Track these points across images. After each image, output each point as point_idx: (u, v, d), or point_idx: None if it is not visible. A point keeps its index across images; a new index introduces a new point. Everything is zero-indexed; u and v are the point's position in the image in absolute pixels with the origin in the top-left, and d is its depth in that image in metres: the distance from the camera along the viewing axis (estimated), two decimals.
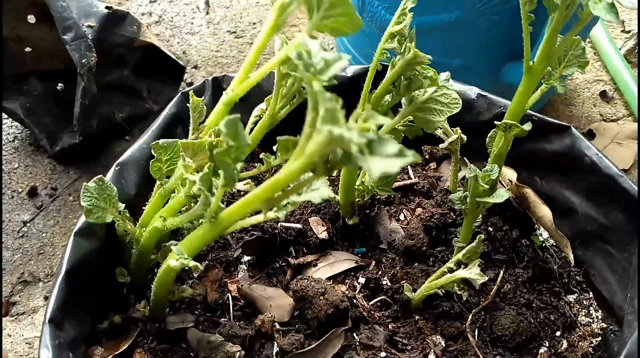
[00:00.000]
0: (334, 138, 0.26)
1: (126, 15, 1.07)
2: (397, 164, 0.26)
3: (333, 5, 0.46)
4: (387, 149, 0.26)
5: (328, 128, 0.26)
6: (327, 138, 0.27)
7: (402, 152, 0.26)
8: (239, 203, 0.35)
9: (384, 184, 0.74)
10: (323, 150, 0.28)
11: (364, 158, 0.26)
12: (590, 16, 0.55)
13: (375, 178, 0.25)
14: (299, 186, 0.32)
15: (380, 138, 0.26)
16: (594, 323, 0.73)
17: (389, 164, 0.25)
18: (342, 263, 0.74)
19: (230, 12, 1.52)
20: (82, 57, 0.98)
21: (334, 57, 0.31)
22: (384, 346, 0.66)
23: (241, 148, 0.32)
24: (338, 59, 0.31)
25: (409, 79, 0.61)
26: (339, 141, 0.26)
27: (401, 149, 0.26)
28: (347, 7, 0.45)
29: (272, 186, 0.32)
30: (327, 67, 0.31)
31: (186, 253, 0.47)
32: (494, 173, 0.66)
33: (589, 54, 1.43)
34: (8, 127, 1.20)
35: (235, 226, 0.45)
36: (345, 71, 0.86)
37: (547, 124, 0.79)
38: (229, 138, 0.32)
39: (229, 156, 0.33)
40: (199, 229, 0.47)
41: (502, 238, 0.77)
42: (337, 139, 0.26)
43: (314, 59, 0.30)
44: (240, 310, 0.70)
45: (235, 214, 0.39)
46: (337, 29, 0.48)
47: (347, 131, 0.25)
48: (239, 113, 0.63)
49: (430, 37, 1.01)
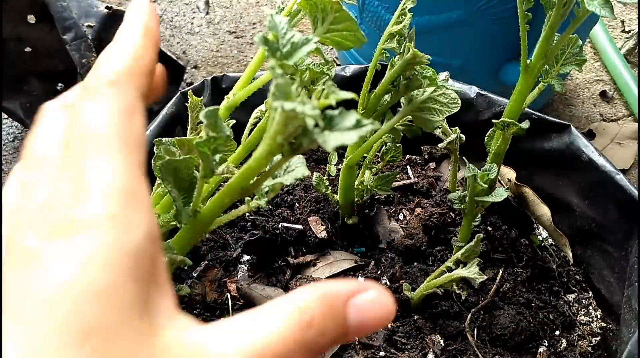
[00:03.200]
0: (289, 114, 0.26)
1: None
2: (353, 135, 0.25)
3: (337, 21, 0.46)
4: (345, 122, 0.26)
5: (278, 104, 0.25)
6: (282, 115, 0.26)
7: (359, 123, 0.26)
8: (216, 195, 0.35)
9: (383, 184, 0.74)
10: (283, 129, 0.27)
11: (320, 132, 0.26)
12: (587, 13, 0.55)
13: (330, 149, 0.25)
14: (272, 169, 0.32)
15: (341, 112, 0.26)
16: (594, 323, 0.73)
17: (345, 137, 0.25)
18: (341, 263, 0.74)
19: (230, 12, 1.52)
20: (82, 57, 0.98)
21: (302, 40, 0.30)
22: (383, 345, 0.66)
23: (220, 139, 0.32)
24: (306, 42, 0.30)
25: (408, 79, 0.61)
26: (294, 116, 0.26)
27: (359, 120, 0.25)
28: (351, 24, 0.46)
29: (244, 174, 0.32)
30: (294, 51, 0.30)
31: (176, 249, 0.47)
32: (492, 172, 0.66)
33: (589, 54, 1.43)
34: (8, 127, 1.20)
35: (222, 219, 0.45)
36: (345, 71, 0.86)
37: (546, 123, 0.79)
38: (209, 128, 0.32)
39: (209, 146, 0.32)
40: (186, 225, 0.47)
41: (501, 237, 0.77)
42: (292, 114, 0.26)
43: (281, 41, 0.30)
44: (240, 309, 0.70)
45: (215, 207, 0.39)
46: (341, 43, 0.48)
47: (300, 105, 0.25)
48: (241, 113, 0.64)
49: (429, 37, 1.02)
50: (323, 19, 0.46)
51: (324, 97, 0.28)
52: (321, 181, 0.74)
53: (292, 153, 0.29)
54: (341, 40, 0.48)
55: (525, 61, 0.63)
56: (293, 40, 0.30)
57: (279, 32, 0.31)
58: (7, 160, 1.14)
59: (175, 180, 0.38)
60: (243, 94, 0.55)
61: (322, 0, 0.46)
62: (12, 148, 1.16)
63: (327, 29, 0.47)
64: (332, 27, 0.47)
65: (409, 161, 0.90)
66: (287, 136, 0.28)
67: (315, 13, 0.47)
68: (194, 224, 0.42)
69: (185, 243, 0.48)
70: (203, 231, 0.45)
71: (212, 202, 0.35)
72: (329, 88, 0.28)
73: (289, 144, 0.28)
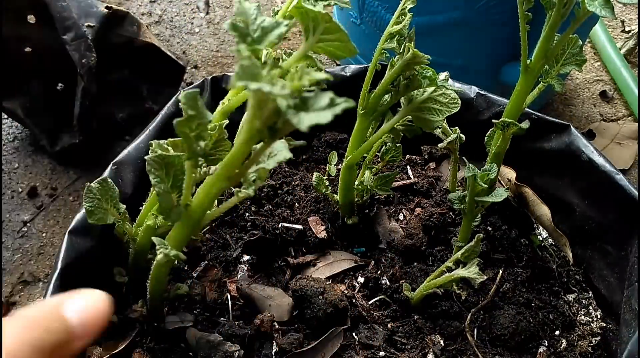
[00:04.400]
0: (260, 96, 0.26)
1: (126, 15, 1.07)
2: (327, 114, 0.25)
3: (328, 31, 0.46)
4: (319, 102, 0.26)
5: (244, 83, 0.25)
6: (254, 97, 0.26)
7: (333, 101, 0.25)
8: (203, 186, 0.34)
9: (383, 184, 0.74)
10: (258, 113, 0.27)
11: (293, 112, 0.26)
12: (587, 14, 0.55)
13: (304, 129, 0.25)
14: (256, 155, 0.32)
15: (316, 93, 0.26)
16: (593, 323, 0.73)
17: (320, 116, 0.25)
18: (341, 263, 0.74)
19: (230, 12, 1.52)
20: (82, 57, 0.98)
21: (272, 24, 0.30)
22: (383, 345, 0.66)
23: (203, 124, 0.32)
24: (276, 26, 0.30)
25: (408, 79, 0.61)
26: (266, 99, 0.26)
27: (332, 98, 0.25)
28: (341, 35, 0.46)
29: (228, 162, 0.32)
30: (265, 35, 0.30)
31: (171, 245, 0.47)
32: (492, 172, 0.66)
33: (589, 54, 1.43)
34: (8, 127, 1.20)
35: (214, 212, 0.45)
36: (345, 71, 0.86)
37: (546, 123, 0.79)
38: (187, 107, 0.32)
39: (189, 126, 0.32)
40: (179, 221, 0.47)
41: (501, 237, 0.77)
42: (261, 95, 0.26)
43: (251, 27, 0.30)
44: (240, 309, 0.70)
45: (204, 198, 0.39)
46: (332, 52, 0.49)
47: (267, 85, 0.25)
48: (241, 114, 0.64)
49: (429, 37, 1.02)
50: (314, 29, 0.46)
51: (297, 79, 0.28)
52: (321, 181, 0.74)
53: (272, 137, 0.29)
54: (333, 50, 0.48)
55: (525, 61, 0.63)
56: (263, 25, 0.30)
57: (248, 17, 0.30)
58: (7, 160, 1.14)
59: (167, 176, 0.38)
60: (238, 100, 0.55)
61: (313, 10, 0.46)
62: (12, 148, 1.16)
63: (318, 39, 0.47)
64: (323, 37, 0.47)
65: (409, 161, 0.90)
66: (265, 120, 0.28)
67: (307, 22, 0.47)
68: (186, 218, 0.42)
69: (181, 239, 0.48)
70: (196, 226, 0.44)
71: (199, 194, 0.35)
72: (302, 70, 0.28)
73: (267, 129, 0.28)
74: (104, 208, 0.60)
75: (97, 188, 0.59)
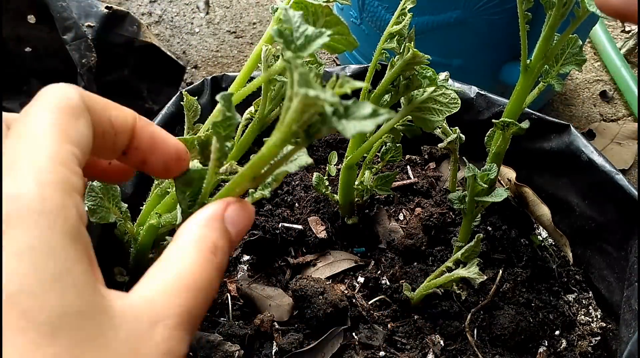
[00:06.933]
0: (309, 100, 0.26)
1: (126, 15, 1.07)
2: (370, 124, 0.26)
3: (328, 25, 0.46)
4: (362, 111, 0.26)
5: (304, 91, 0.26)
6: (302, 102, 0.27)
7: (376, 112, 0.26)
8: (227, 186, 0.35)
9: (383, 184, 0.74)
10: (300, 116, 0.28)
11: (338, 119, 0.26)
12: (587, 13, 0.55)
13: (349, 136, 0.26)
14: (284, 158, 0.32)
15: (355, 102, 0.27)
16: (593, 322, 0.73)
17: (363, 124, 0.26)
18: (341, 263, 0.74)
19: (230, 12, 1.52)
20: (82, 57, 0.98)
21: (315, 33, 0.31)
22: (383, 345, 0.66)
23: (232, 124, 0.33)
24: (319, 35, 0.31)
25: (408, 79, 0.61)
26: (314, 103, 0.27)
27: (375, 109, 0.26)
28: (342, 28, 0.46)
29: (257, 163, 0.32)
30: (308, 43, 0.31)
31: None
32: (492, 172, 0.66)
33: (589, 54, 1.43)
34: None
35: None
36: (345, 71, 0.86)
37: (546, 123, 0.79)
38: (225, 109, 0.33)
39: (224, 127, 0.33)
40: None
41: (501, 237, 0.77)
42: (312, 101, 0.26)
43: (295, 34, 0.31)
44: (240, 309, 0.70)
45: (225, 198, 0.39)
46: (333, 46, 0.49)
47: (322, 92, 0.26)
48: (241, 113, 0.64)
49: (429, 37, 1.02)
50: (314, 23, 0.47)
51: (338, 86, 0.28)
52: (321, 181, 0.74)
53: (307, 141, 0.29)
54: (333, 43, 0.48)
55: (525, 61, 0.63)
56: (307, 33, 0.31)
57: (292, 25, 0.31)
58: None
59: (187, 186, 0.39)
60: (238, 97, 0.55)
61: (313, 4, 0.46)
62: None
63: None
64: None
65: (409, 161, 0.90)
66: (302, 124, 0.28)
67: (307, 16, 0.47)
68: None
69: None
70: None
71: (221, 193, 0.35)
72: (343, 78, 0.28)
73: (303, 132, 0.29)
74: (106, 206, 0.60)
75: (99, 187, 0.59)
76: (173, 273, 0.29)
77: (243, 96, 0.55)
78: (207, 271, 0.30)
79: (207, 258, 0.30)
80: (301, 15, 0.32)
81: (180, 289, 0.28)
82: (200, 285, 0.29)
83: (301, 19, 0.31)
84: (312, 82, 0.26)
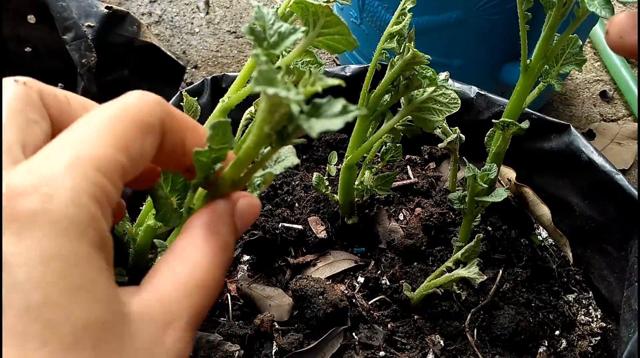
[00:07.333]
0: (275, 100, 0.26)
1: (126, 15, 1.07)
2: (339, 121, 0.25)
3: (329, 25, 0.46)
4: (332, 109, 0.26)
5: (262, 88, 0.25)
6: (268, 102, 0.26)
7: (346, 109, 0.26)
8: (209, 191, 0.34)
9: (383, 184, 0.74)
10: (270, 116, 0.27)
11: (307, 118, 0.26)
12: (587, 13, 0.55)
13: (315, 135, 0.25)
14: (262, 160, 0.32)
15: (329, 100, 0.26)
16: (593, 322, 0.73)
17: (331, 123, 0.25)
18: (341, 263, 0.74)
19: (230, 12, 1.52)
20: (82, 57, 0.98)
21: (289, 30, 0.30)
22: (383, 345, 0.66)
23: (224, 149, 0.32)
24: (293, 32, 0.30)
25: (408, 79, 0.61)
26: (279, 103, 0.26)
27: (345, 105, 0.26)
28: (342, 28, 0.46)
29: (234, 167, 0.32)
30: (281, 40, 0.30)
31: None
32: (492, 172, 0.66)
33: (589, 54, 1.43)
34: None
35: None
36: (345, 71, 0.86)
37: (546, 123, 0.79)
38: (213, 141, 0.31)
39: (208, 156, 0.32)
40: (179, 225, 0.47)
41: (501, 237, 0.77)
42: (279, 100, 0.26)
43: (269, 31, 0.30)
44: (240, 309, 0.70)
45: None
46: (333, 46, 0.49)
47: (283, 91, 0.25)
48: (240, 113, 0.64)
49: (429, 37, 1.02)
50: (315, 23, 0.46)
51: (310, 84, 0.28)
52: (321, 181, 0.74)
53: (281, 142, 0.29)
54: (333, 43, 0.48)
55: (525, 61, 0.63)
56: (280, 30, 0.30)
57: (266, 22, 0.31)
58: None
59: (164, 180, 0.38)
60: (237, 98, 0.55)
61: (313, 4, 0.46)
62: None
63: (319, 33, 0.47)
64: (324, 31, 0.47)
65: (409, 161, 0.90)
66: (274, 125, 0.28)
67: (307, 17, 0.47)
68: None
69: None
70: None
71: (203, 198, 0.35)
72: (316, 76, 0.28)
73: (276, 133, 0.28)
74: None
75: None
76: (185, 271, 0.28)
77: (243, 96, 0.55)
78: (217, 270, 0.29)
79: (218, 255, 0.30)
80: (275, 13, 0.31)
81: (192, 288, 0.28)
82: (211, 284, 0.29)
83: (275, 16, 0.31)
84: (275, 80, 0.25)
